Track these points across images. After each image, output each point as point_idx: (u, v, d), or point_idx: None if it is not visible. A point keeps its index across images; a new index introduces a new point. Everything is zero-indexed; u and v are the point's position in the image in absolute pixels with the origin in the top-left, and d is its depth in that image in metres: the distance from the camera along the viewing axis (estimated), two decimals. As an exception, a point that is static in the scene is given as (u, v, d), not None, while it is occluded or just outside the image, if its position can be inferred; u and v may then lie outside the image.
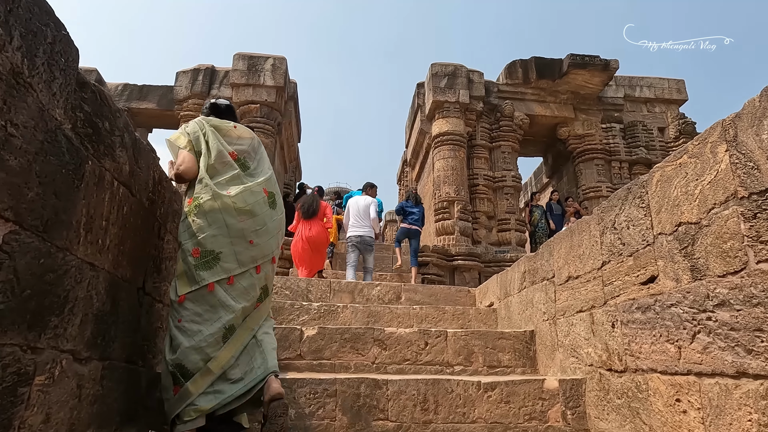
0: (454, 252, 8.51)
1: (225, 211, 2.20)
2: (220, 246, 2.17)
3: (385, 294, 4.81)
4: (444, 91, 9.50)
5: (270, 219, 2.34)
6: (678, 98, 10.70)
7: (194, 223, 2.19)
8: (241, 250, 2.21)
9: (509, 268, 4.09)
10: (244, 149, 2.44)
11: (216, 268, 2.15)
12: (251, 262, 2.24)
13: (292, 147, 11.08)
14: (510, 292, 3.99)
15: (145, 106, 10.00)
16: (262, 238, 2.29)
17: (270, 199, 2.39)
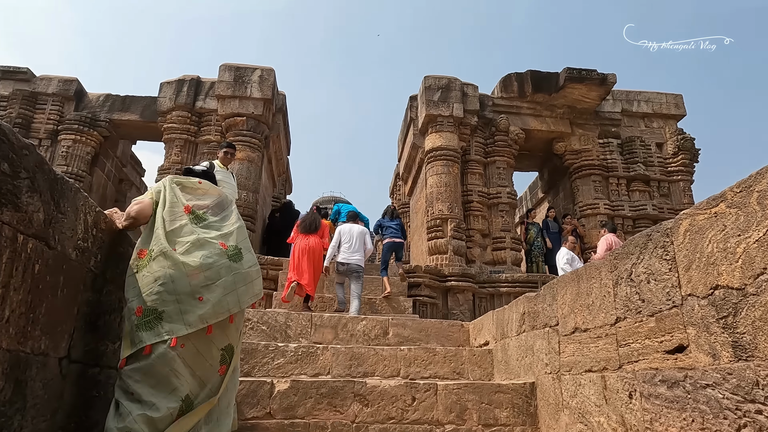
0: (447, 272, 8.11)
1: (173, 266, 2.05)
2: (164, 304, 1.99)
3: (371, 329, 4.40)
4: (437, 105, 9.14)
5: (228, 273, 2.15)
6: (676, 113, 10.39)
7: (140, 279, 2.05)
8: (188, 308, 2.01)
9: (507, 307, 3.70)
10: (203, 203, 2.36)
11: (157, 328, 1.96)
12: (200, 322, 2.02)
13: (280, 161, 10.68)
14: (507, 334, 3.60)
15: (128, 117, 9.58)
16: (215, 293, 2.08)
17: (231, 251, 2.22)
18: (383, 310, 6.73)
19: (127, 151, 10.91)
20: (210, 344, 2.07)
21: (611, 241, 7.03)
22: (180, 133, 9.05)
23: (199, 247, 2.14)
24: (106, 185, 10.10)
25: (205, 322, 2.02)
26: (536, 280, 8.31)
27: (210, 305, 2.04)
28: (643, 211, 9.43)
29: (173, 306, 1.99)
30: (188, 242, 2.13)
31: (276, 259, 7.70)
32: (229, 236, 2.27)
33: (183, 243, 2.13)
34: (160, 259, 2.06)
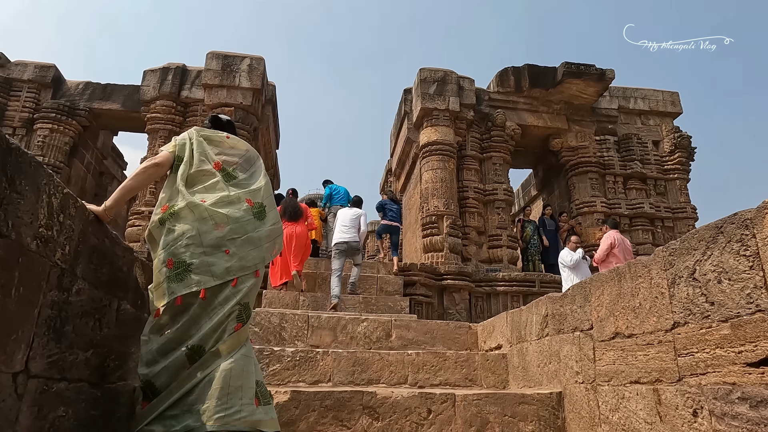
0: (443, 271, 7.79)
1: (200, 219, 2.05)
2: (192, 256, 1.99)
3: (372, 331, 4.05)
4: (433, 98, 8.81)
5: (254, 229, 2.15)
6: (672, 111, 10.22)
7: (168, 232, 2.04)
8: (215, 260, 2.01)
9: (524, 308, 3.38)
10: (233, 160, 2.32)
11: (187, 279, 1.96)
12: (226, 274, 2.01)
13: (269, 154, 10.26)
14: (525, 337, 3.28)
15: (109, 106, 9.08)
16: (242, 248, 2.08)
17: (256, 209, 2.21)
18: (379, 309, 6.38)
19: (108, 143, 10.39)
20: (229, 297, 2.02)
21: (613, 238, 6.78)
22: (164, 124, 8.59)
23: (228, 204, 2.14)
24: (86, 178, 9.58)
25: (231, 275, 2.02)
26: (533, 279, 8.04)
27: (237, 258, 2.04)
28: (640, 209, 9.23)
29: (201, 258, 1.99)
30: (217, 197, 2.13)
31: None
32: (256, 193, 2.25)
33: (212, 196, 2.13)
34: (187, 214, 2.05)
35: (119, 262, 2.25)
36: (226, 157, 2.31)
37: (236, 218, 2.11)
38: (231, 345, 1.98)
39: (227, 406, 1.85)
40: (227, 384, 1.89)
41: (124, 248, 2.31)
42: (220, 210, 2.09)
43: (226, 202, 2.14)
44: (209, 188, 2.18)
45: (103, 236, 2.05)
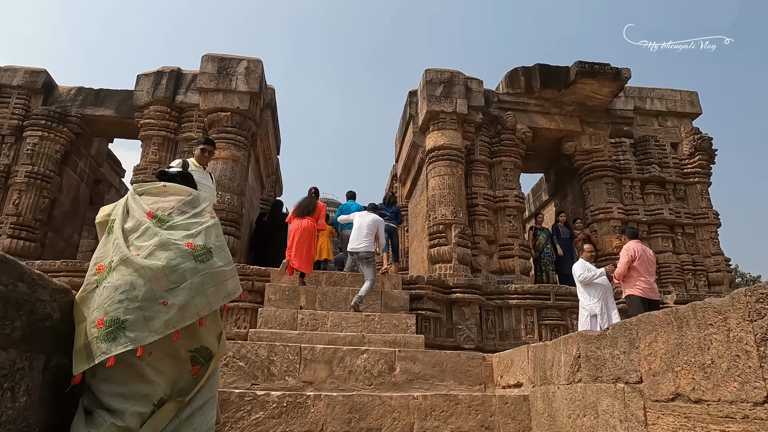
0: (451, 283, 7.28)
1: (134, 272, 1.93)
2: (127, 312, 1.87)
3: (373, 364, 3.55)
4: (440, 100, 8.31)
5: (194, 274, 2.01)
6: (691, 111, 9.65)
7: (99, 292, 1.93)
8: (153, 314, 1.88)
9: (549, 345, 2.86)
10: (168, 206, 2.22)
11: (121, 338, 1.82)
12: (165, 327, 1.89)
13: (269, 160, 9.80)
14: (551, 379, 2.77)
15: (102, 112, 8.65)
16: (180, 297, 1.94)
17: (198, 252, 2.06)
18: (383, 328, 5.88)
19: (103, 150, 9.96)
20: (178, 348, 1.97)
21: (633, 249, 6.21)
22: (158, 130, 8.15)
23: (163, 248, 2.02)
24: (79, 187, 9.15)
25: (171, 328, 1.90)
26: (548, 292, 7.51)
27: (176, 309, 1.92)
28: (660, 215, 8.67)
29: (137, 314, 1.87)
30: (151, 245, 2.02)
31: (263, 269, 6.83)
32: (197, 236, 2.12)
33: (146, 247, 2.03)
34: (121, 268, 1.96)
35: (45, 308, 1.76)
36: (162, 204, 2.23)
37: (173, 266, 1.98)
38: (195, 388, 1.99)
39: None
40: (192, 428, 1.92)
41: (53, 290, 1.83)
42: (153, 261, 1.97)
43: (161, 247, 2.03)
44: (143, 236, 2.08)
45: (14, 280, 1.58)
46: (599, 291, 6.09)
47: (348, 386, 3.36)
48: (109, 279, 1.94)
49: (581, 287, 6.21)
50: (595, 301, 6.05)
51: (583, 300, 6.17)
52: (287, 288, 6.33)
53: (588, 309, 6.07)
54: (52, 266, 7.02)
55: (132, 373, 1.85)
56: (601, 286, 6.13)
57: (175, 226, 2.14)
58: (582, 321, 6.13)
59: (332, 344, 5.36)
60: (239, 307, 6.60)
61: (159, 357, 1.91)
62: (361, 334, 5.52)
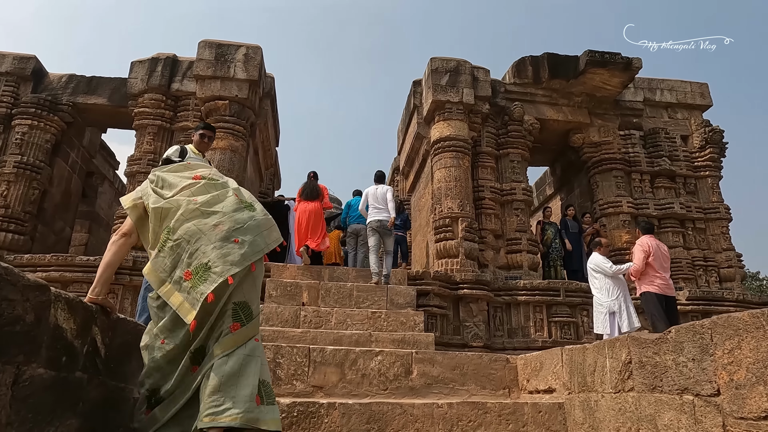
0: (458, 279, 6.98)
1: (198, 220, 2.08)
2: (206, 255, 1.99)
3: (388, 367, 3.24)
4: (445, 90, 7.99)
5: (250, 218, 2.17)
6: (702, 103, 9.37)
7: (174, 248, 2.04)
8: (229, 251, 2.00)
9: (590, 347, 2.57)
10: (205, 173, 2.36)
11: (211, 277, 1.94)
12: (243, 260, 2.00)
13: (268, 152, 9.45)
14: (593, 386, 2.47)
15: (95, 101, 8.27)
16: (247, 234, 2.09)
17: (244, 204, 2.24)
18: (390, 326, 5.58)
19: (96, 141, 9.58)
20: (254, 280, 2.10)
21: (648, 245, 5.92)
22: (153, 119, 7.78)
23: (218, 198, 2.19)
24: (71, 178, 8.78)
25: (248, 260, 2.02)
26: (558, 288, 7.22)
27: (247, 245, 2.06)
28: (670, 209, 8.40)
29: (215, 252, 1.99)
30: (206, 196, 2.18)
31: (263, 264, 6.50)
32: (238, 191, 2.29)
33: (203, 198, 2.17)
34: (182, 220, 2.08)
35: (14, 310, 1.44)
36: (198, 172, 2.35)
37: (231, 211, 2.14)
38: (227, 345, 1.94)
39: (217, 404, 1.82)
40: (219, 382, 1.85)
41: (26, 287, 1.51)
42: (215, 207, 2.14)
43: (217, 198, 2.19)
44: (197, 191, 2.21)
45: None
46: (618, 287, 5.81)
47: (361, 391, 3.06)
48: (175, 236, 2.05)
49: (599, 283, 5.92)
50: (613, 298, 5.76)
51: (600, 297, 5.88)
52: (289, 283, 6.01)
53: (606, 306, 5.79)
54: (41, 260, 6.67)
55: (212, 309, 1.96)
56: (620, 282, 5.85)
57: (217, 185, 2.29)
58: (600, 319, 5.85)
59: (337, 343, 5.06)
60: (238, 303, 6.28)
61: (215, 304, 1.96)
62: (368, 333, 5.22)
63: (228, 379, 1.87)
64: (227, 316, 1.98)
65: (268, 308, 5.55)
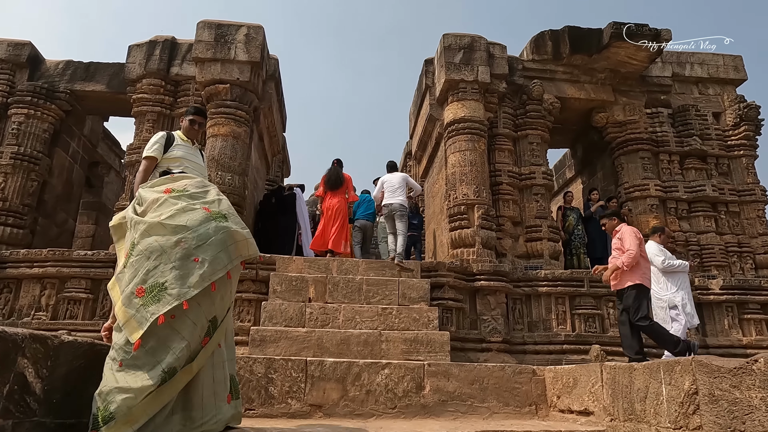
0: (475, 270, 6.52)
1: (161, 236, 2.02)
2: (163, 274, 1.94)
3: (397, 382, 2.81)
4: (459, 68, 7.44)
5: (217, 231, 2.10)
6: (735, 77, 8.67)
7: (132, 264, 2.01)
8: (188, 271, 1.95)
9: (639, 368, 2.10)
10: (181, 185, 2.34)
11: (165, 298, 1.89)
12: (202, 282, 1.96)
13: (274, 137, 9.01)
14: (644, 416, 2.02)
15: (93, 87, 7.89)
16: (208, 252, 2.02)
17: (215, 215, 2.17)
18: (402, 323, 5.16)
19: (98, 129, 9.24)
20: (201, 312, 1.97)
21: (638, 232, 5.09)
22: (152, 105, 7.38)
23: (184, 212, 2.11)
24: (72, 169, 8.46)
25: (207, 281, 1.97)
26: (582, 278, 6.72)
27: (207, 263, 2.00)
28: (702, 192, 7.79)
29: (173, 273, 1.94)
30: (172, 210, 2.11)
31: (267, 256, 6.11)
32: (212, 203, 2.23)
33: (167, 212, 2.11)
34: (146, 237, 2.02)
35: None
36: (175, 185, 2.33)
37: (196, 225, 2.06)
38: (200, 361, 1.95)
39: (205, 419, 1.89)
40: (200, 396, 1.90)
41: None
42: (178, 221, 2.05)
43: (183, 211, 2.11)
44: (162, 207, 2.16)
45: None
46: (678, 279, 5.32)
47: (366, 410, 2.65)
48: (136, 251, 1.99)
49: (657, 275, 5.41)
50: (673, 290, 5.28)
51: (658, 289, 5.39)
52: (294, 278, 5.62)
53: (666, 300, 5.31)
54: (38, 255, 6.38)
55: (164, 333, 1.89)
56: (681, 274, 5.35)
57: (192, 195, 2.23)
58: (660, 315, 5.36)
59: (345, 344, 4.67)
60: (242, 299, 5.92)
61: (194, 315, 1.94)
62: (378, 332, 4.81)
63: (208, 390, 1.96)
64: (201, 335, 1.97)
65: (272, 305, 5.17)
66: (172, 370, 1.84)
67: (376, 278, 5.76)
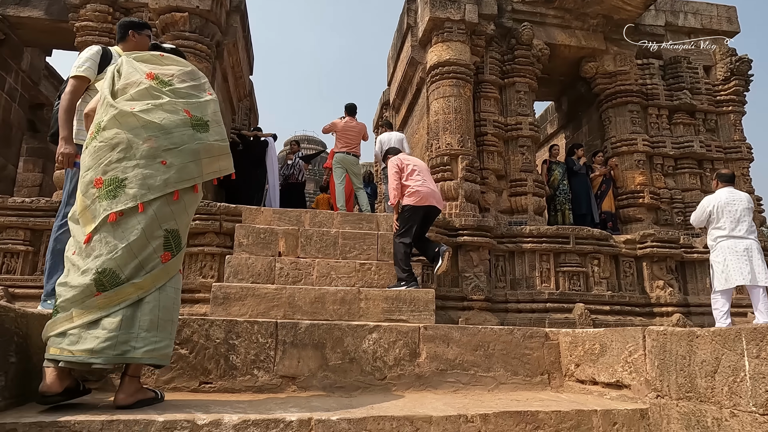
0: (458, 225, 6.05)
1: (130, 129, 1.80)
2: (125, 170, 1.77)
3: (387, 349, 2.31)
4: (445, 5, 6.73)
5: (192, 140, 1.88)
6: (728, 29, 8.25)
7: (97, 150, 1.81)
8: (152, 172, 1.78)
9: (703, 334, 1.64)
10: (169, 72, 1.99)
11: (121, 195, 1.74)
12: (165, 186, 1.79)
13: (240, 79, 8.16)
14: (712, 395, 1.57)
15: (29, 14, 6.84)
16: (178, 158, 1.84)
17: (195, 121, 1.92)
18: (382, 279, 4.68)
19: (39, 64, 8.17)
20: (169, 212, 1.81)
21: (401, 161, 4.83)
22: (99, 35, 6.42)
23: (161, 109, 1.85)
24: (10, 108, 7.45)
25: (171, 187, 1.80)
26: (568, 235, 6.35)
27: (175, 169, 1.82)
28: (689, 148, 7.47)
29: (135, 171, 1.77)
30: (149, 103, 1.85)
31: (232, 207, 5.48)
32: (196, 106, 1.95)
33: (143, 103, 1.85)
34: (114, 124, 1.80)
35: None
36: (161, 70, 1.99)
37: (171, 127, 1.84)
38: (156, 278, 1.75)
39: (157, 340, 1.71)
40: (156, 317, 1.72)
41: None
42: (153, 118, 1.82)
43: (160, 107, 1.86)
44: (139, 95, 1.88)
45: None
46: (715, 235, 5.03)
47: (350, 382, 2.16)
48: (101, 137, 1.80)
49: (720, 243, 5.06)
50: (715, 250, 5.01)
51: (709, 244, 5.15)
52: (263, 230, 5.01)
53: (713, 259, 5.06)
54: (-34, 202, 5.54)
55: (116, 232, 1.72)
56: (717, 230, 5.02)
57: (176, 91, 1.95)
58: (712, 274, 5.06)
59: (319, 302, 4.15)
60: (204, 252, 5.31)
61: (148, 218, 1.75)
62: (357, 289, 4.30)
63: (164, 314, 1.74)
64: (158, 246, 1.76)
65: (237, 259, 4.58)
66: (108, 272, 1.67)
67: (352, 232, 5.21)
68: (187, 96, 1.97)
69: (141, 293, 1.71)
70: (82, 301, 1.67)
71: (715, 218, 5.00)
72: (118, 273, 1.69)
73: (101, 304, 1.67)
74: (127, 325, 1.67)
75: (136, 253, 1.71)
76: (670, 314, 6.25)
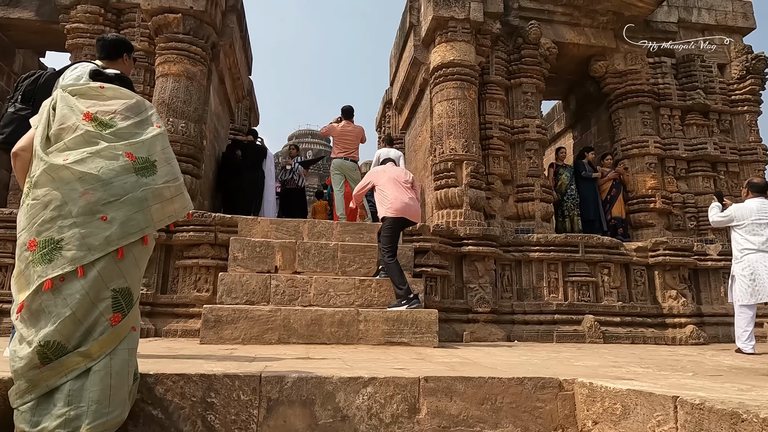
0: (462, 234, 5.80)
1: (64, 184, 1.63)
2: (61, 230, 1.60)
3: (383, 405, 2.07)
4: (449, 4, 6.42)
5: (136, 188, 1.70)
6: (744, 26, 7.89)
7: (30, 208, 1.64)
8: (91, 230, 1.61)
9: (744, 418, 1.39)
10: (110, 109, 1.81)
11: (57, 259, 1.58)
12: (107, 245, 1.62)
13: (238, 81, 7.89)
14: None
15: (19, 15, 6.59)
16: (120, 211, 1.66)
17: (140, 164, 1.74)
18: (383, 297, 4.44)
19: (32, 66, 7.93)
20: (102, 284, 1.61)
21: None
22: (90, 37, 6.17)
23: (99, 156, 1.68)
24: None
25: (114, 245, 1.63)
26: (577, 243, 6.08)
27: (117, 224, 1.65)
28: (703, 150, 7.16)
29: (72, 230, 1.60)
30: (84, 151, 1.68)
31: (228, 218, 5.24)
32: (140, 146, 1.77)
33: (77, 153, 1.67)
34: (46, 180, 1.63)
35: None
36: (101, 108, 1.80)
37: (110, 177, 1.66)
38: (105, 343, 1.60)
39: (108, 411, 1.55)
40: (108, 386, 1.57)
41: None
42: (89, 169, 1.64)
43: (97, 156, 1.67)
44: (74, 143, 1.69)
45: None
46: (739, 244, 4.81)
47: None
48: (33, 194, 1.64)
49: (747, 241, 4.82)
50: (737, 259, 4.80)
51: None
52: (258, 243, 4.79)
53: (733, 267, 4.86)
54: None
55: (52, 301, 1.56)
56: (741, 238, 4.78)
57: (118, 133, 1.76)
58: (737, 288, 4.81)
59: (316, 324, 3.93)
60: (199, 266, 5.09)
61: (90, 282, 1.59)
62: (355, 310, 4.07)
63: (116, 380, 1.59)
64: (105, 308, 1.61)
65: (231, 276, 4.36)
66: (52, 344, 1.53)
67: (352, 244, 4.98)
68: (130, 136, 1.79)
69: (88, 362, 1.57)
70: (27, 372, 1.55)
71: (743, 229, 4.73)
72: (64, 344, 1.56)
73: (46, 376, 1.55)
74: (77, 399, 1.54)
75: (81, 319, 1.57)
76: (683, 326, 5.99)
